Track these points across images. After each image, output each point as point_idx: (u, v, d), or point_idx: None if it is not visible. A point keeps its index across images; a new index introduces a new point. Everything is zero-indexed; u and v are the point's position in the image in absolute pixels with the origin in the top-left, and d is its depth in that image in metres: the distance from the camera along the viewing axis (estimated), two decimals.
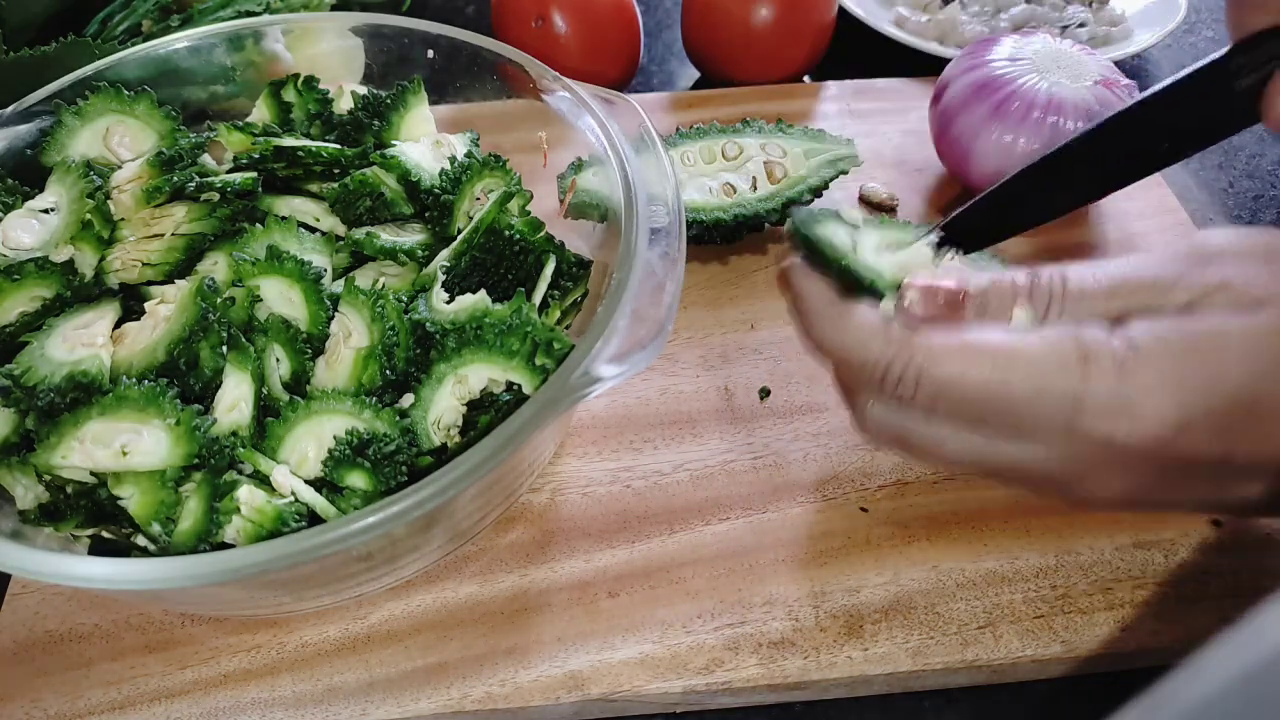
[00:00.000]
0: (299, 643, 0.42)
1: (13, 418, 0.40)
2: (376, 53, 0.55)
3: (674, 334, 0.54)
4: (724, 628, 0.42)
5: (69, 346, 0.40)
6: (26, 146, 0.48)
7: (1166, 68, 0.77)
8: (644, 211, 0.42)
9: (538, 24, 0.68)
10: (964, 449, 0.34)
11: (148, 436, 0.38)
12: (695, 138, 0.59)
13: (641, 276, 0.40)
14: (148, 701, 0.40)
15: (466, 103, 0.54)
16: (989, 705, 0.42)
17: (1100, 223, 0.60)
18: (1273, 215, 0.64)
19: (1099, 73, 0.57)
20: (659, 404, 0.51)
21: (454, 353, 0.41)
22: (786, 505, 0.46)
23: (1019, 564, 0.43)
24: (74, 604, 0.44)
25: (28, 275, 0.42)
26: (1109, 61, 0.58)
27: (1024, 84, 0.57)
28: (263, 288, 0.43)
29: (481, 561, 0.44)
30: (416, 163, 0.48)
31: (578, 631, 0.42)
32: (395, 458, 0.39)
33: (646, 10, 0.83)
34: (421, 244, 0.46)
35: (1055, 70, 0.57)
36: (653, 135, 0.47)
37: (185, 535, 0.37)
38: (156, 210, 0.45)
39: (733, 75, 0.72)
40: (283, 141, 0.48)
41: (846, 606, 0.42)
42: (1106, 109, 0.54)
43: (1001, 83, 0.57)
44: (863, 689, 0.41)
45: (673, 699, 0.40)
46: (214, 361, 0.41)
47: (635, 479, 0.47)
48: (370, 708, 0.40)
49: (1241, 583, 0.42)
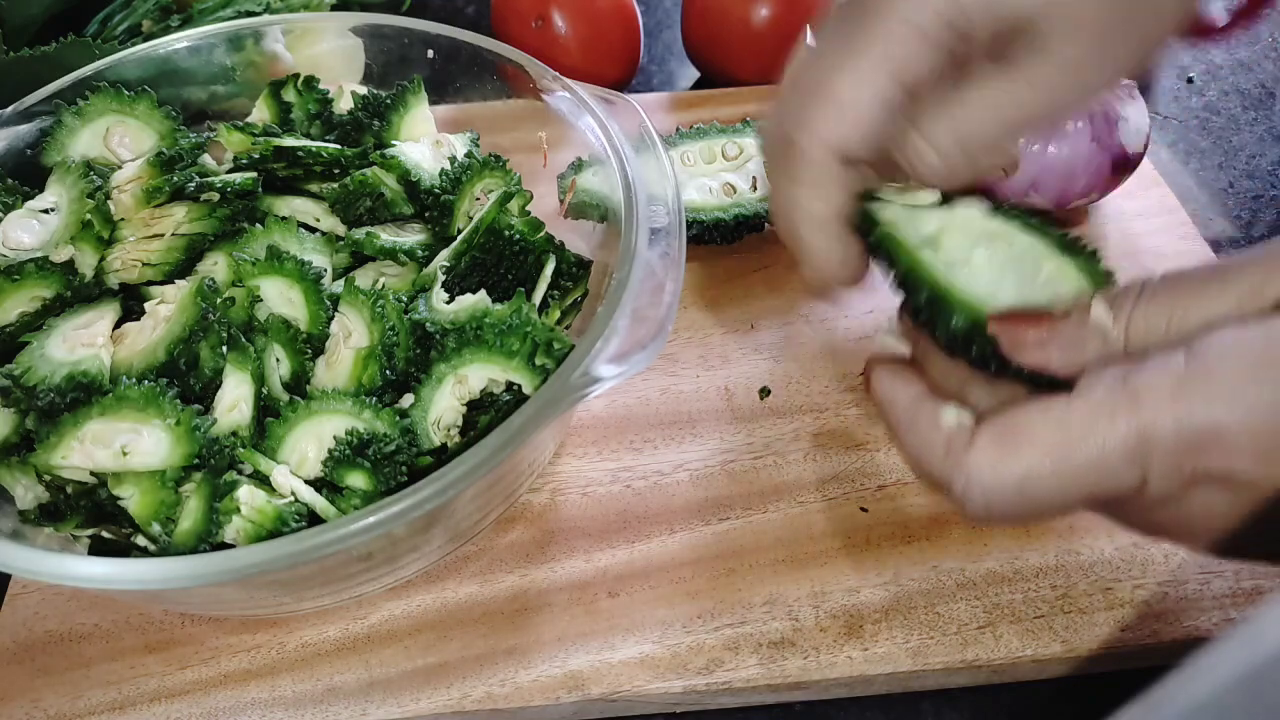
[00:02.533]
0: (299, 643, 0.42)
1: (13, 418, 0.40)
2: (376, 53, 0.55)
3: (674, 334, 0.54)
4: (724, 628, 0.42)
5: (69, 346, 0.40)
6: (26, 146, 0.48)
7: (1166, 68, 0.77)
8: (644, 211, 0.42)
9: (538, 24, 0.68)
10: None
11: (148, 436, 0.38)
12: (695, 138, 0.59)
13: (641, 276, 0.40)
14: (148, 701, 0.40)
15: (466, 103, 0.54)
16: (989, 705, 0.42)
17: (1100, 222, 0.60)
18: (1273, 215, 0.64)
19: None
20: (659, 404, 0.51)
21: (454, 353, 0.41)
22: (786, 505, 0.46)
23: (1019, 564, 0.43)
24: (74, 604, 0.44)
25: (28, 275, 0.42)
26: None
27: None
28: (263, 288, 0.43)
29: (481, 561, 0.44)
30: (416, 163, 0.48)
31: (578, 631, 0.42)
32: (395, 458, 0.39)
33: (646, 10, 0.83)
34: (421, 244, 0.46)
35: None
36: (653, 135, 0.47)
37: (185, 535, 0.37)
38: (156, 210, 0.45)
39: (733, 75, 0.72)
40: (283, 142, 0.48)
41: (846, 606, 0.42)
42: (1108, 107, 0.55)
43: None
44: (863, 689, 0.41)
45: (673, 699, 0.40)
46: (214, 361, 0.41)
47: (635, 479, 0.47)
48: (370, 708, 0.40)
49: (1241, 583, 0.42)
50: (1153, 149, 0.64)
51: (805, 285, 0.38)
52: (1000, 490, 0.30)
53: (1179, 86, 0.75)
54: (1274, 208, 0.64)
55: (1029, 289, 0.32)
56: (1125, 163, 0.56)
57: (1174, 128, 0.70)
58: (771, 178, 0.36)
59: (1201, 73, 0.75)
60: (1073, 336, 0.31)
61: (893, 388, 0.34)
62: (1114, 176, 0.56)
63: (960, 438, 0.31)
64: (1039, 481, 0.30)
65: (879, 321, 0.54)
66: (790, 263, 0.58)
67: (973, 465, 0.31)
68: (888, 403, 0.34)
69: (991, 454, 0.30)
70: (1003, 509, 0.31)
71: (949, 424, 0.32)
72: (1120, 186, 0.57)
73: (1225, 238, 0.62)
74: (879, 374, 0.35)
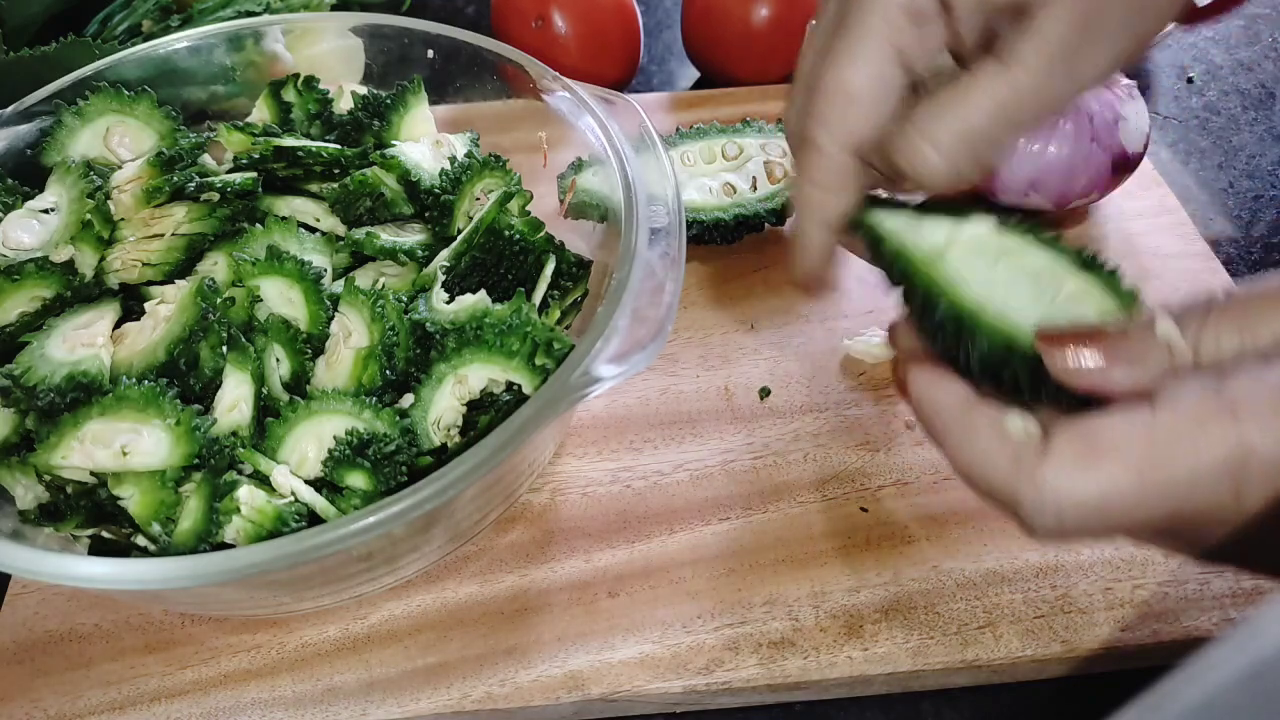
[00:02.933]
0: (299, 643, 0.42)
1: (13, 418, 0.40)
2: (376, 53, 0.55)
3: (674, 334, 0.54)
4: (724, 628, 0.42)
5: (69, 346, 0.40)
6: (26, 146, 0.48)
7: (1166, 68, 0.77)
8: (644, 211, 0.42)
9: (538, 24, 0.68)
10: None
11: (148, 436, 0.38)
12: (695, 138, 0.59)
13: (641, 276, 0.40)
14: (148, 701, 0.40)
15: (466, 103, 0.54)
16: (989, 705, 0.42)
17: (1100, 222, 0.60)
18: (1273, 215, 0.64)
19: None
20: (659, 404, 0.51)
21: (454, 353, 0.41)
22: (786, 505, 0.46)
23: (1019, 564, 0.43)
24: (74, 604, 0.44)
25: (28, 275, 0.42)
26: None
27: None
28: (263, 288, 0.43)
29: (481, 561, 0.44)
30: (416, 163, 0.48)
31: (578, 631, 0.42)
32: (395, 458, 0.39)
33: (646, 10, 0.83)
34: (421, 244, 0.46)
35: None
36: (653, 135, 0.47)
37: (185, 535, 0.37)
38: (156, 210, 0.45)
39: (733, 75, 0.72)
40: (283, 142, 0.48)
41: (846, 606, 0.42)
42: (1106, 109, 0.55)
43: None
44: (863, 689, 0.41)
45: (673, 699, 0.40)
46: (214, 361, 0.41)
47: (635, 479, 0.47)
48: (370, 708, 0.40)
49: (1241, 583, 0.42)
50: (1153, 149, 0.64)
51: (795, 280, 0.37)
52: (1079, 506, 0.28)
53: (1179, 86, 0.75)
54: (1274, 208, 0.64)
55: (1051, 308, 0.30)
56: (1125, 163, 0.56)
57: (1174, 128, 0.70)
58: (796, 174, 0.36)
59: (1201, 73, 0.75)
60: (1138, 353, 0.29)
61: (935, 390, 0.32)
62: (1114, 177, 0.56)
63: (1030, 448, 0.29)
64: (1122, 496, 0.27)
65: (878, 320, 0.54)
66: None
67: (1048, 479, 0.28)
68: (931, 407, 0.32)
69: (1070, 466, 0.28)
70: (1078, 526, 0.29)
71: (1016, 433, 0.30)
72: (1120, 186, 0.57)
73: (1225, 238, 0.62)
74: (918, 376, 0.32)
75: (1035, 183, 0.57)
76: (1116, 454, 0.27)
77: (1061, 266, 0.32)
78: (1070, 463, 0.28)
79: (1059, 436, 0.29)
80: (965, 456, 0.31)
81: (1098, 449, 0.28)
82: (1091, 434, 0.28)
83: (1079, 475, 0.28)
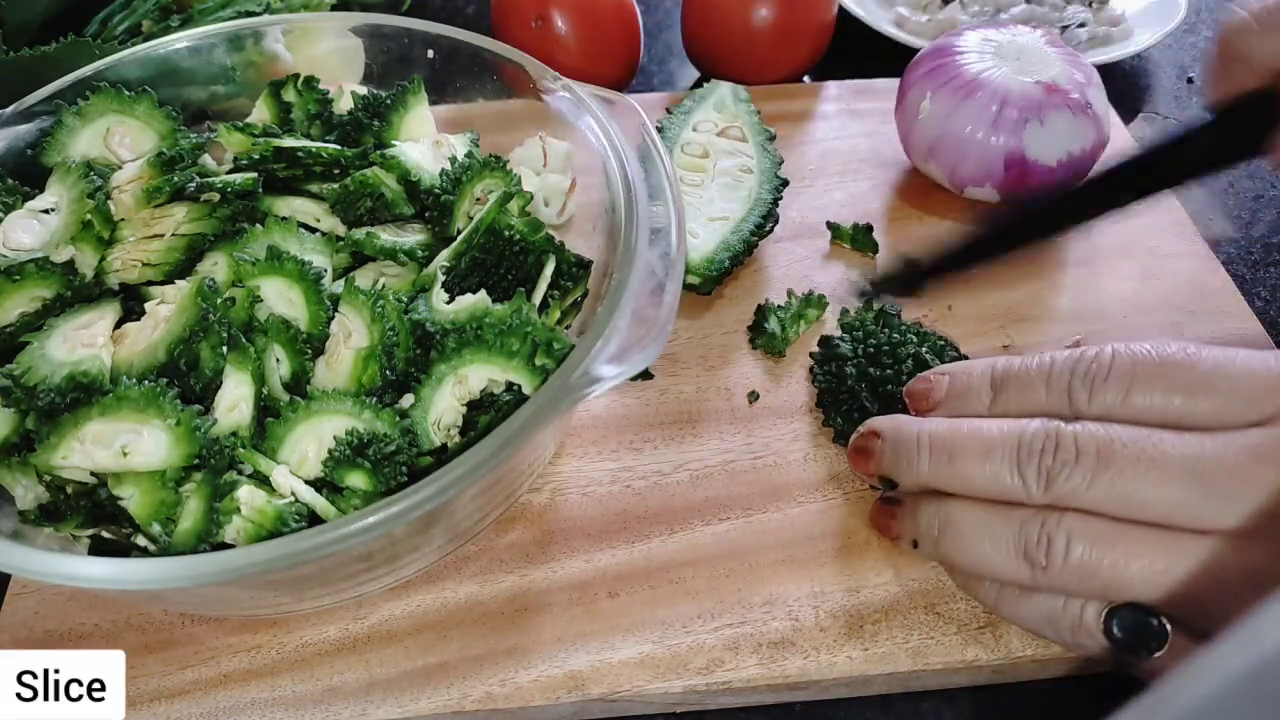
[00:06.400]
0: (299, 643, 0.42)
1: (13, 418, 0.40)
2: (376, 53, 0.55)
3: (674, 334, 0.54)
4: (724, 628, 0.42)
5: (69, 347, 0.40)
6: (26, 146, 0.48)
7: (1167, 68, 0.77)
8: (644, 211, 0.42)
9: (538, 24, 0.68)
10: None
11: (148, 437, 0.38)
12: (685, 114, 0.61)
13: (641, 276, 0.40)
14: (148, 701, 0.40)
15: (466, 103, 0.54)
16: (989, 705, 0.42)
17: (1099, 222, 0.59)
18: (1273, 215, 0.64)
19: (1056, 75, 0.56)
20: (659, 404, 0.51)
21: (454, 353, 0.41)
22: (786, 505, 0.46)
23: None
24: (74, 604, 0.44)
25: (28, 275, 0.42)
26: (1088, 64, 0.58)
27: (973, 67, 0.56)
28: (263, 288, 0.43)
29: (481, 561, 0.44)
30: (416, 163, 0.47)
31: (578, 631, 0.42)
32: (395, 458, 0.39)
33: (646, 10, 0.83)
34: (421, 244, 0.46)
35: (1015, 60, 0.57)
36: (653, 135, 0.47)
37: (185, 535, 0.37)
38: (157, 210, 0.45)
39: (733, 75, 0.72)
40: (283, 142, 0.48)
41: (846, 606, 0.42)
42: (1029, 106, 0.54)
43: (953, 65, 0.57)
44: (863, 689, 0.41)
45: (673, 699, 0.40)
46: (214, 362, 0.41)
47: (635, 479, 0.47)
48: (370, 708, 0.40)
49: None
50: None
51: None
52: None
53: (1179, 86, 0.75)
54: (1274, 208, 0.64)
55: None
56: (1023, 167, 0.54)
57: (1174, 128, 0.70)
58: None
59: (1201, 73, 0.75)
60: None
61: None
62: (1009, 176, 0.55)
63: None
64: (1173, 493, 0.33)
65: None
66: (788, 262, 0.58)
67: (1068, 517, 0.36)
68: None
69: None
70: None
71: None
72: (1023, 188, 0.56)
73: (1225, 238, 0.62)
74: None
75: (932, 149, 0.56)
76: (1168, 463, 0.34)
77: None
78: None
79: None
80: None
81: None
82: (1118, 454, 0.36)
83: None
